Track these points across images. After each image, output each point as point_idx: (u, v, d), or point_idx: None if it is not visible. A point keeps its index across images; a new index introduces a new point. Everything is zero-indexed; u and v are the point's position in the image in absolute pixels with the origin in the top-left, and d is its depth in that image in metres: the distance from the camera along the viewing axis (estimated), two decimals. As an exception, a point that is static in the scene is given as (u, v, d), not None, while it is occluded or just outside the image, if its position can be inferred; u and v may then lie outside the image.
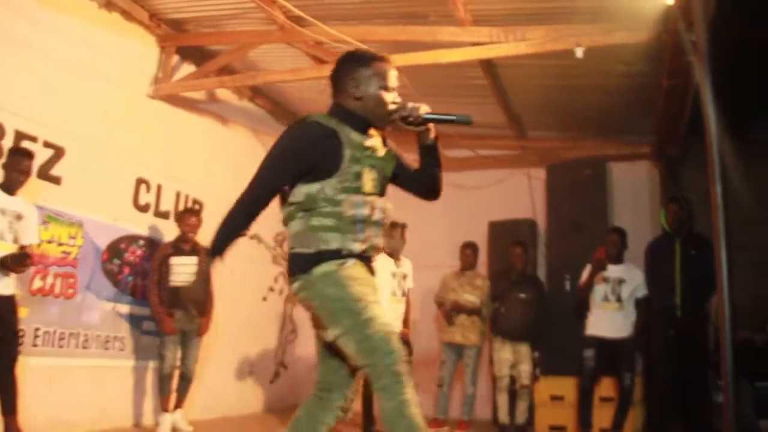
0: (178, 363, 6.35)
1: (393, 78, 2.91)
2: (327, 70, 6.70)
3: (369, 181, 2.81)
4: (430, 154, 3.08)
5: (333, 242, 2.71)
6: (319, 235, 2.71)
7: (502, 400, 7.21)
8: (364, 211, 2.75)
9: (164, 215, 7.08)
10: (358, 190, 2.75)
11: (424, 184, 3.11)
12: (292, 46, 7.03)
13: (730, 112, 5.08)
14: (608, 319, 6.44)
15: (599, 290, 6.51)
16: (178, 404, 6.38)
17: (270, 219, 8.96)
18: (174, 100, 7.29)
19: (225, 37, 7.16)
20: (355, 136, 2.80)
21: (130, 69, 6.77)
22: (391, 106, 2.88)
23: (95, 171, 6.25)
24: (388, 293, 6.48)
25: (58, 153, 5.86)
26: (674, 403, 6.31)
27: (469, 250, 7.52)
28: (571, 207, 7.85)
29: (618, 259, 6.56)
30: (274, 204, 3.01)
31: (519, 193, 8.85)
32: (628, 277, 6.50)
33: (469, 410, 7.36)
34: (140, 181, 6.81)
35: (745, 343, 6.63)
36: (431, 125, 3.04)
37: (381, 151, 2.92)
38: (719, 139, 3.97)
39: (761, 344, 7.01)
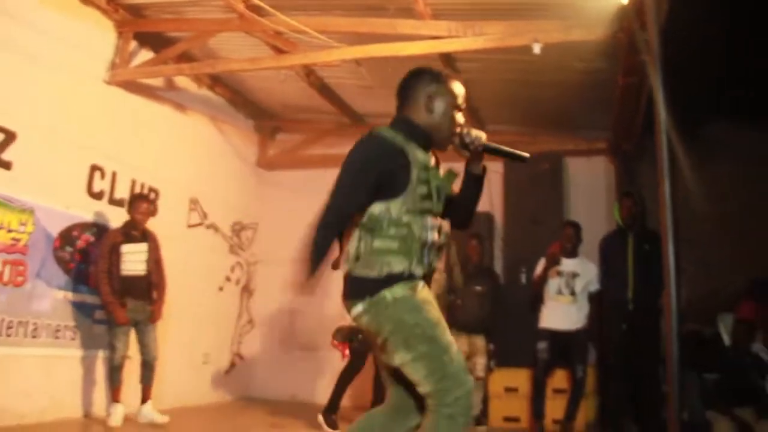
0: (130, 353, 6.27)
1: (463, 99, 2.87)
2: (286, 60, 6.78)
3: (437, 202, 2.74)
4: (476, 184, 2.93)
5: (397, 266, 2.60)
6: (384, 259, 2.60)
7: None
8: (433, 235, 2.70)
9: (119, 203, 6.97)
10: (426, 212, 2.68)
11: (460, 212, 2.96)
12: (252, 36, 6.97)
13: (683, 111, 5.17)
14: (562, 312, 6.53)
15: (553, 284, 6.59)
16: (146, 396, 6.31)
17: (227, 208, 8.91)
18: (131, 86, 7.19)
19: (184, 24, 7.08)
20: (420, 154, 2.72)
21: (86, 54, 6.66)
22: (458, 128, 2.82)
23: (48, 157, 6.15)
24: None
25: (9, 137, 5.75)
26: (626, 394, 6.44)
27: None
28: (528, 201, 7.93)
29: (573, 253, 6.65)
30: (229, 192, 3.00)
31: (476, 187, 8.90)
32: (582, 270, 6.59)
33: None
34: (94, 168, 6.71)
35: (694, 336, 6.76)
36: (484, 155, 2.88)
37: (441, 171, 2.84)
38: (670, 136, 4.04)
39: (710, 337, 7.14)
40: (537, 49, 5.59)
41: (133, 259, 6.29)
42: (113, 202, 6.93)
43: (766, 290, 6.89)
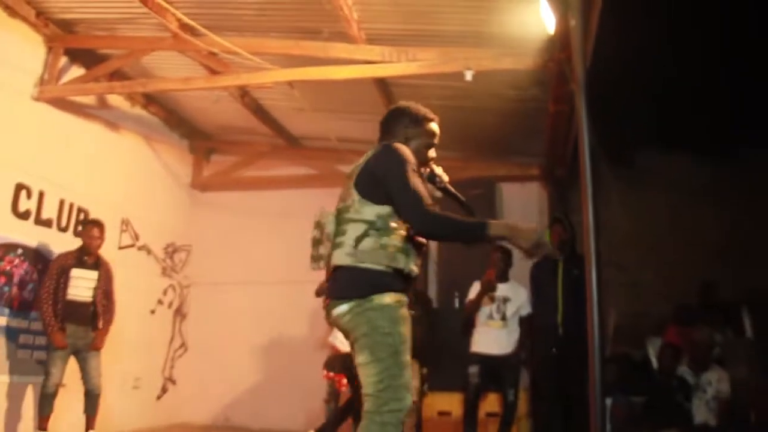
0: (65, 381, 6.11)
1: (437, 138, 3.28)
2: (220, 81, 6.74)
3: None
4: None
5: (401, 262, 2.92)
6: (390, 254, 2.90)
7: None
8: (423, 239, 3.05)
9: (46, 223, 6.83)
10: None
11: None
12: (185, 55, 6.93)
13: (615, 138, 5.30)
14: (492, 337, 6.55)
15: (485, 309, 6.60)
16: (90, 425, 6.16)
17: (160, 230, 8.77)
18: (61, 103, 7.07)
19: (117, 41, 7.02)
20: None
21: (12, 68, 6.52)
22: (430, 164, 3.26)
23: (-31, 174, 5.98)
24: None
25: None
26: (557, 417, 6.49)
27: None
28: (462, 225, 7.96)
29: (503, 278, 6.68)
30: (162, 214, 3.04)
31: (411, 211, 8.93)
32: (513, 295, 6.63)
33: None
34: (20, 187, 6.54)
35: (623, 358, 6.88)
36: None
37: None
38: (596, 162, 4.12)
39: (639, 359, 7.27)
40: (469, 76, 5.66)
41: (81, 285, 6.18)
42: (40, 222, 6.76)
43: (689, 315, 7.07)
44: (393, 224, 2.92)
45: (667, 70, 7.35)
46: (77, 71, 7.24)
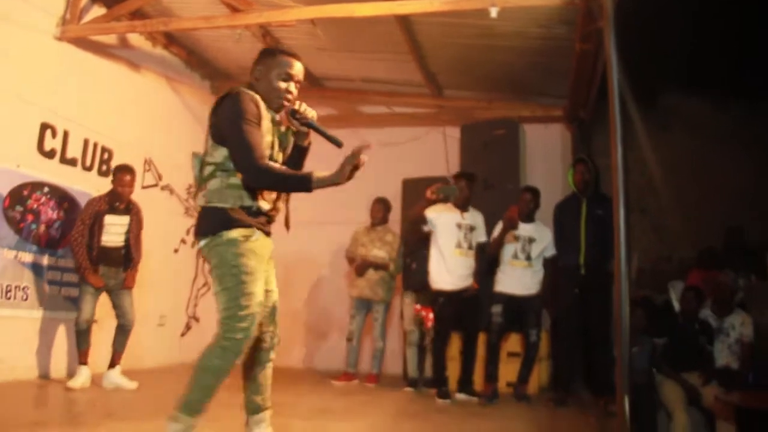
0: (98, 318, 6.21)
1: (296, 70, 3.29)
2: (241, 19, 6.70)
3: (276, 150, 3.24)
4: (300, 155, 3.39)
5: (247, 200, 3.09)
6: (237, 192, 3.07)
7: (412, 354, 7.34)
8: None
9: (71, 162, 6.87)
10: (270, 158, 3.12)
11: None
12: (208, -7, 6.88)
13: (641, 80, 5.23)
14: (517, 277, 6.58)
15: (509, 248, 6.62)
16: (115, 361, 6.22)
17: (182, 170, 8.82)
18: (83, 43, 7.03)
19: (137, -21, 6.94)
20: (266, 111, 3.17)
21: (36, 9, 6.46)
22: (286, 95, 3.24)
23: (-5, 114, 6.01)
24: (452, 245, 6.56)
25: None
26: (578, 358, 6.55)
27: (379, 205, 7.59)
28: (484, 166, 7.93)
29: (529, 218, 6.67)
30: (184, 154, 3.12)
31: (434, 151, 8.91)
32: (539, 236, 6.63)
33: (378, 364, 7.49)
34: (45, 126, 6.56)
35: (646, 301, 6.90)
36: (310, 132, 3.34)
37: (283, 127, 3.31)
38: (623, 104, 4.08)
39: (661, 304, 7.29)
40: (494, 12, 5.56)
41: (113, 231, 6.22)
42: (65, 161, 6.80)
43: (713, 259, 7.05)
44: (227, 165, 3.07)
45: (695, 10, 7.20)
46: (99, 11, 7.19)
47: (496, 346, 6.64)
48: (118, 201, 6.27)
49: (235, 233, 3.06)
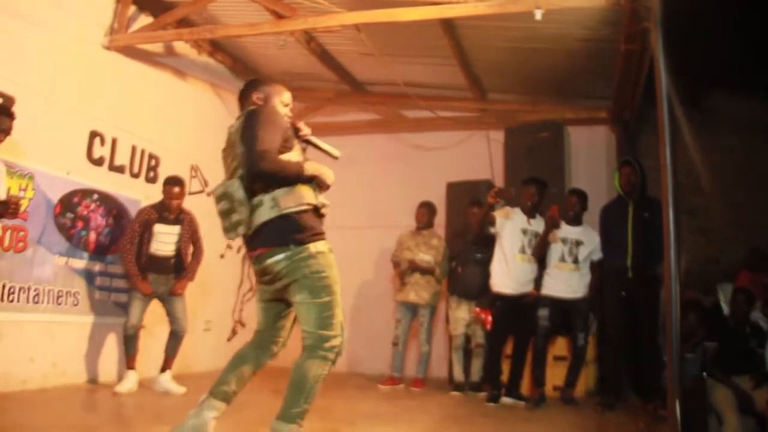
0: (143, 323, 6.29)
1: (290, 98, 3.72)
2: (286, 26, 6.76)
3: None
4: None
5: (312, 198, 3.36)
6: (301, 194, 3.28)
7: (457, 358, 7.32)
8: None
9: (119, 169, 6.99)
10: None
11: None
12: (252, 1, 6.92)
13: (687, 81, 5.16)
14: (564, 280, 6.52)
15: (556, 250, 6.56)
16: (167, 365, 6.31)
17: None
18: (130, 52, 7.15)
19: (184, -12, 7.04)
20: None
21: (85, 18, 6.61)
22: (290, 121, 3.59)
23: (47, 122, 6.12)
24: (516, 250, 6.58)
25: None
26: (625, 362, 6.47)
27: (424, 209, 7.58)
28: (529, 169, 7.83)
29: (576, 221, 6.62)
30: None
31: (478, 155, 8.87)
32: (586, 239, 6.57)
33: (424, 368, 7.47)
34: (94, 134, 6.69)
35: (693, 304, 6.79)
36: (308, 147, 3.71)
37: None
38: (671, 104, 4.03)
39: (709, 306, 7.18)
40: (538, 15, 5.54)
41: (163, 240, 6.31)
42: (114, 168, 6.93)
43: (763, 260, 6.92)
44: None
45: (741, 9, 7.10)
46: (145, 20, 7.31)
47: (543, 349, 6.59)
48: (167, 211, 6.35)
49: (322, 246, 3.29)
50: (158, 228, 6.28)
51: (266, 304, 3.67)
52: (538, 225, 6.62)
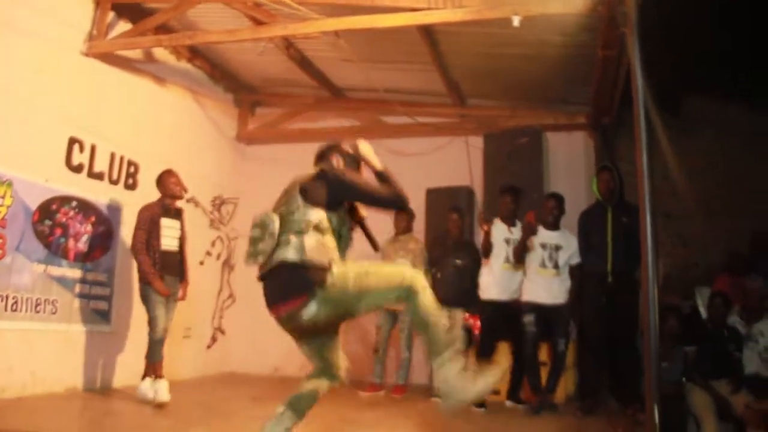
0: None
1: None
2: (265, 32, 6.75)
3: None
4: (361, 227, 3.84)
5: (335, 255, 3.41)
6: (327, 251, 3.37)
7: (437, 364, 7.31)
8: (348, 234, 3.66)
9: (98, 176, 6.95)
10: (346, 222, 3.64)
11: None
12: (231, 7, 6.94)
13: (662, 85, 5.21)
14: (545, 286, 6.53)
15: (536, 255, 6.57)
16: (148, 372, 6.14)
17: (207, 183, 8.86)
18: (109, 58, 7.13)
19: (163, -5, 7.03)
20: None
21: (63, 25, 6.58)
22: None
23: (25, 129, 6.09)
24: (501, 260, 6.68)
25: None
26: (605, 367, 6.49)
27: (401, 214, 7.59)
28: (508, 175, 7.91)
29: (555, 226, 6.65)
30: (209, 167, 3.21)
31: (457, 161, 8.89)
32: (565, 243, 6.59)
33: (404, 375, 7.47)
34: (73, 141, 6.65)
35: (673, 308, 6.83)
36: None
37: None
38: (648, 109, 4.06)
39: (688, 310, 7.23)
40: (516, 21, 5.58)
41: (169, 235, 6.31)
42: (93, 175, 6.89)
43: (741, 264, 6.98)
44: (327, 225, 3.44)
45: (717, 14, 7.17)
46: (124, 26, 7.30)
47: (533, 356, 6.59)
48: (169, 204, 6.37)
49: (336, 268, 3.33)
50: (164, 222, 6.26)
51: (309, 347, 3.74)
52: (518, 232, 6.66)
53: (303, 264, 3.30)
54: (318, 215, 3.42)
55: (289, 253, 3.33)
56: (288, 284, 3.35)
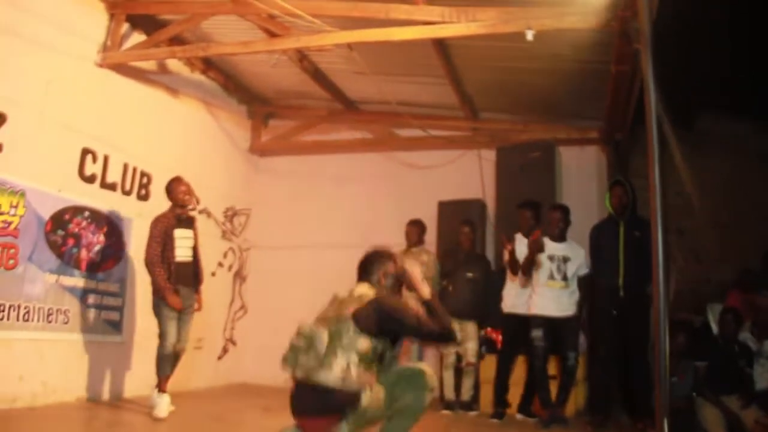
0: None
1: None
2: (279, 44, 6.79)
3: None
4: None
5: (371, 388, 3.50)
6: (367, 382, 3.47)
7: (448, 377, 7.30)
8: None
9: (111, 187, 6.99)
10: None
11: None
12: (245, 19, 6.97)
13: (679, 103, 5.21)
14: (554, 298, 6.49)
15: (545, 268, 6.54)
16: (159, 387, 6.03)
17: (219, 194, 8.87)
18: (123, 69, 7.17)
19: (177, 6, 7.06)
20: None
21: (78, 36, 6.64)
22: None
23: (39, 139, 6.13)
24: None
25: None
26: (615, 381, 6.46)
27: (413, 227, 7.59)
28: (520, 188, 7.89)
29: (561, 237, 6.63)
30: (222, 178, 3.21)
31: (469, 174, 8.89)
32: (573, 254, 6.56)
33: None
34: (86, 151, 6.69)
35: (684, 324, 6.80)
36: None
37: None
38: (661, 125, 4.06)
39: (699, 325, 7.20)
40: (530, 35, 5.58)
41: (183, 245, 6.18)
42: (105, 185, 6.92)
43: (753, 280, 6.94)
44: (372, 354, 3.51)
45: (731, 32, 7.17)
46: (138, 38, 7.35)
47: (543, 370, 6.54)
48: (182, 214, 6.28)
49: (369, 394, 3.46)
50: (178, 233, 6.15)
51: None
52: (545, 248, 6.61)
53: (342, 390, 3.40)
54: (366, 344, 3.49)
55: (331, 379, 3.39)
56: (322, 403, 3.44)
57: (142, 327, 6.65)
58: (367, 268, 3.99)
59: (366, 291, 3.73)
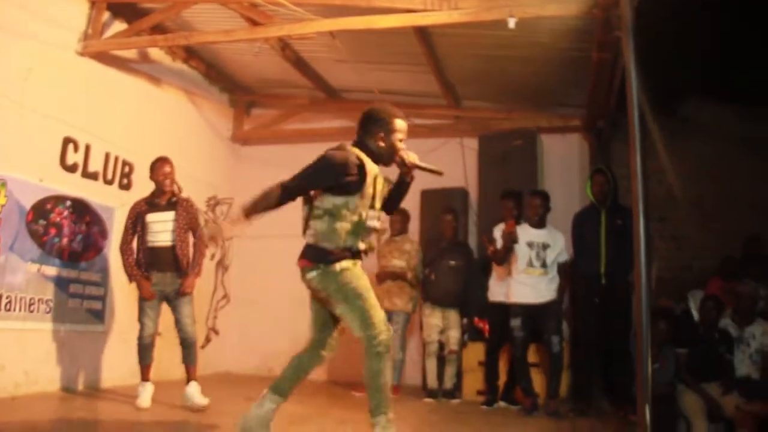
0: (161, 330, 6.02)
1: (404, 134, 4.01)
2: (261, 32, 6.75)
3: (378, 200, 3.91)
4: (405, 187, 4.09)
5: (349, 242, 3.78)
6: (339, 235, 3.75)
7: (431, 365, 7.34)
8: (375, 223, 3.89)
9: (93, 176, 6.94)
10: (372, 207, 3.84)
11: (391, 204, 4.11)
12: (227, 7, 6.94)
13: (660, 90, 5.23)
14: (533, 285, 6.47)
15: (523, 255, 6.53)
16: (190, 376, 6.01)
17: (202, 183, 8.81)
18: (104, 58, 7.12)
19: (158, -5, 7.03)
20: (372, 166, 3.84)
21: (59, 25, 6.58)
22: (401, 154, 3.92)
23: (19, 129, 6.08)
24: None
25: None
26: (597, 369, 6.51)
27: (397, 215, 7.58)
28: (502, 176, 7.92)
29: (541, 224, 6.65)
30: (204, 167, 3.20)
31: (452, 162, 8.88)
32: (552, 241, 6.57)
33: (398, 375, 7.46)
34: (68, 141, 6.64)
35: (666, 311, 6.86)
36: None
37: (382, 179, 3.96)
38: (642, 112, 4.08)
39: (680, 313, 7.26)
40: (512, 23, 5.58)
41: (158, 229, 5.95)
42: (87, 175, 6.88)
43: (734, 268, 7.01)
44: (344, 212, 3.74)
45: (713, 18, 7.19)
46: (120, 26, 7.29)
47: (522, 360, 6.56)
48: (158, 197, 6.07)
49: (346, 263, 3.76)
50: (150, 218, 5.95)
51: (315, 312, 4.07)
52: (524, 234, 6.60)
53: (312, 246, 3.81)
54: (332, 201, 3.78)
55: (307, 237, 3.84)
56: (307, 251, 3.85)
57: (124, 316, 6.61)
58: (362, 126, 4.10)
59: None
